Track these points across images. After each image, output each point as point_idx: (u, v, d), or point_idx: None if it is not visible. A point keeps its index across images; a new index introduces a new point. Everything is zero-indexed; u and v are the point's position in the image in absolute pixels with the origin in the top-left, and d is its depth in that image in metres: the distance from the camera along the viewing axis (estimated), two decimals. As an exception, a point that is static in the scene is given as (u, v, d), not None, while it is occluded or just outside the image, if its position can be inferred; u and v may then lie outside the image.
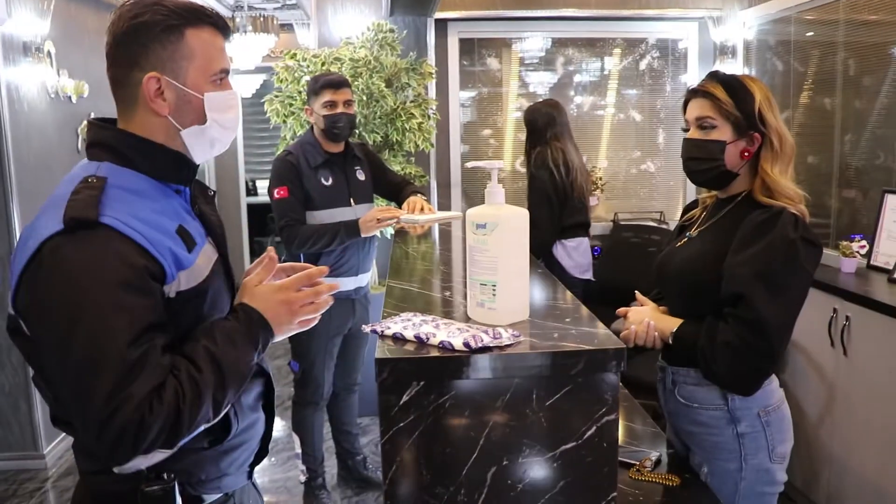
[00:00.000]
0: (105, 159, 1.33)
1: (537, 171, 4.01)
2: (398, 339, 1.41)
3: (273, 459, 3.98)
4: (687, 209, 2.16)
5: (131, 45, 1.32)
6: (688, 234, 2.01)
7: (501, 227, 1.45)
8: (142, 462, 1.27)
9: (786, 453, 1.91)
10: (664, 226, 5.02)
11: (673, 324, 1.89)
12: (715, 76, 1.90)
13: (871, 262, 3.33)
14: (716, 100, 1.84)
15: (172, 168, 1.39)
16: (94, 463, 1.35)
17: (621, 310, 2.01)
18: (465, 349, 1.31)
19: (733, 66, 5.01)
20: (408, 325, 1.45)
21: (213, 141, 1.42)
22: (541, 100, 4.63)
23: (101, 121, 1.39)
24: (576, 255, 4.05)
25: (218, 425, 1.36)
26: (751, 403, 1.85)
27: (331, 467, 3.69)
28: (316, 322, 1.47)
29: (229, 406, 1.34)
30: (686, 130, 1.94)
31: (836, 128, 4.07)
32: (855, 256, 3.31)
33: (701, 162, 1.89)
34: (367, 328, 1.50)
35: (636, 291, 2.08)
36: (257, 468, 1.58)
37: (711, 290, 1.82)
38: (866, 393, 2.89)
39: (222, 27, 1.40)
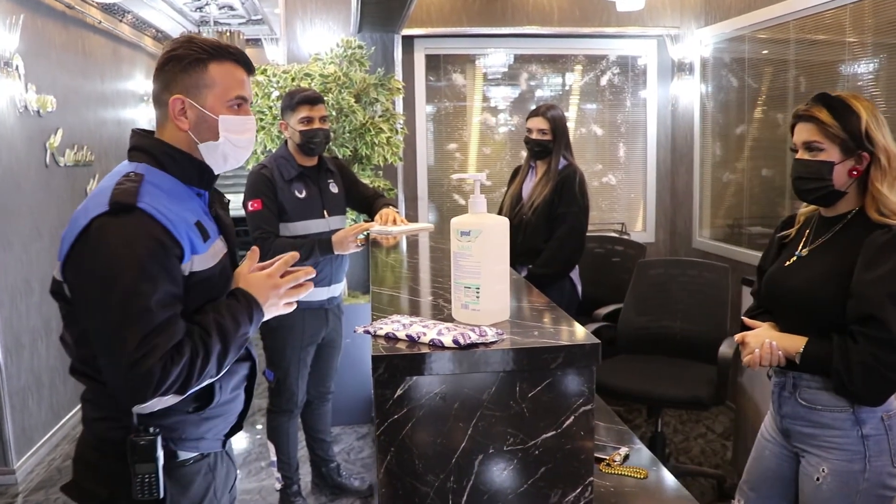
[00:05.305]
0: (143, 161, 1.59)
1: (582, 197, 3.71)
2: (390, 338, 1.50)
3: (248, 469, 4.02)
4: (784, 225, 2.21)
5: (166, 73, 1.59)
6: (796, 253, 2.05)
7: (485, 235, 1.56)
8: (156, 404, 1.46)
9: None
10: (626, 237, 5.19)
11: (796, 342, 1.94)
12: (820, 99, 1.93)
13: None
14: (821, 123, 1.89)
15: (195, 174, 1.64)
16: (99, 410, 1.58)
17: (738, 336, 2.06)
18: (454, 346, 1.42)
19: (690, 83, 5.20)
20: (398, 325, 1.54)
21: (225, 156, 1.66)
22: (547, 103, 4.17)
23: (142, 131, 1.67)
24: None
25: (204, 393, 1.59)
26: (875, 407, 1.90)
27: (305, 475, 3.74)
28: (295, 306, 1.71)
29: (216, 379, 1.58)
30: (794, 150, 1.99)
31: (789, 142, 4.24)
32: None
33: (809, 181, 1.94)
34: (359, 329, 1.59)
35: (743, 317, 2.13)
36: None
37: (831, 309, 1.88)
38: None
39: (243, 62, 1.64)
